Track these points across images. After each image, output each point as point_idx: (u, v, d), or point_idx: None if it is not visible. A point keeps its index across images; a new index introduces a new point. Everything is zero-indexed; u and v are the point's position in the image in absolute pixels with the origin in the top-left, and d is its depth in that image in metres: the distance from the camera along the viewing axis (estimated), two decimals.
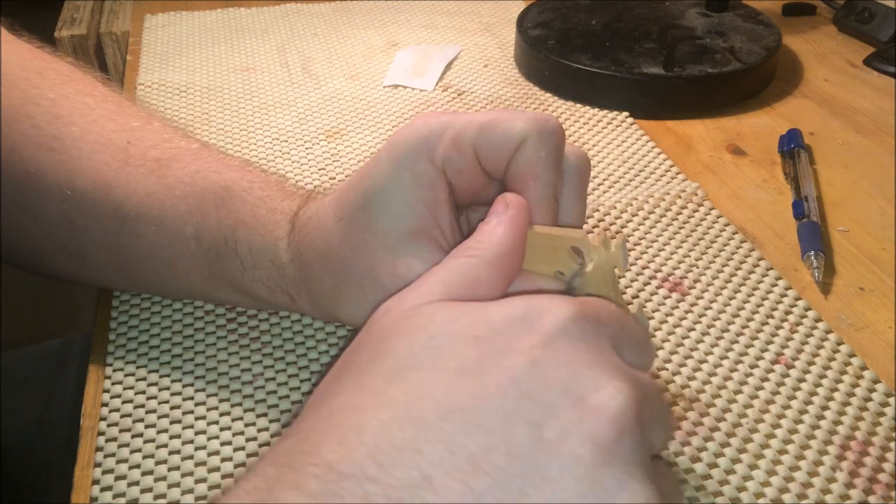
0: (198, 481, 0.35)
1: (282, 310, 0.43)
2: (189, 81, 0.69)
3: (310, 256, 0.37)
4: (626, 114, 0.64)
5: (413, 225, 0.33)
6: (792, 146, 0.58)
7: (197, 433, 0.37)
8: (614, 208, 0.52)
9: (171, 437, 0.37)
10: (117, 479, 0.35)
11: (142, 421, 0.38)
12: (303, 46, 0.75)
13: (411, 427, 0.23)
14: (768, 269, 0.47)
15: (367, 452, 0.23)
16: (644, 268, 0.47)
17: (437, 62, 0.71)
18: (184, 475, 0.35)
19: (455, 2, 0.86)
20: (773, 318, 0.43)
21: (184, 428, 0.37)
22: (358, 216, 0.34)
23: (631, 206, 0.53)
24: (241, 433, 0.37)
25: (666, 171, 0.56)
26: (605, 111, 0.64)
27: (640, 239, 0.50)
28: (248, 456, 0.36)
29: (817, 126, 0.63)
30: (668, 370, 0.40)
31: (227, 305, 0.44)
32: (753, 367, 0.40)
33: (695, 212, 0.52)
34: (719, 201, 0.54)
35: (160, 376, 0.40)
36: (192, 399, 0.39)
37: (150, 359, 0.41)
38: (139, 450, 0.36)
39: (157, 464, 0.36)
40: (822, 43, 0.77)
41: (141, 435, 0.37)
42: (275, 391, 0.39)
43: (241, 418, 0.38)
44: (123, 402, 0.38)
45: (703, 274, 0.47)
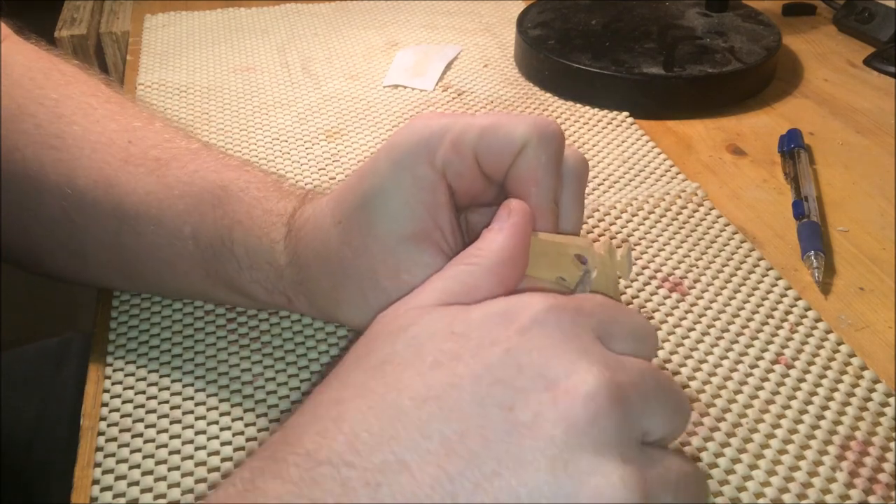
0: (198, 481, 0.35)
1: (280, 310, 0.43)
2: (189, 81, 0.69)
3: (307, 258, 0.37)
4: (626, 114, 0.64)
5: (413, 228, 0.33)
6: (792, 146, 0.58)
7: (197, 433, 0.37)
8: (614, 208, 0.52)
9: (171, 437, 0.37)
10: (117, 479, 0.35)
11: (142, 421, 0.38)
12: (303, 46, 0.75)
13: (388, 415, 0.24)
14: (768, 269, 0.47)
15: (346, 440, 0.24)
16: (644, 268, 0.47)
17: (437, 62, 0.71)
18: (184, 475, 0.35)
19: (455, 2, 0.86)
20: (773, 318, 0.43)
21: (184, 428, 0.37)
22: (357, 217, 0.34)
23: (631, 206, 0.53)
24: (241, 433, 0.37)
25: (666, 171, 0.56)
26: (605, 111, 0.64)
27: (640, 239, 0.50)
28: (248, 456, 0.36)
29: (817, 126, 0.63)
30: (668, 370, 0.40)
31: (227, 305, 0.44)
32: (753, 367, 0.40)
33: (695, 212, 0.52)
34: (719, 201, 0.54)
35: (160, 376, 0.40)
36: (192, 399, 0.39)
37: (150, 359, 0.41)
38: (139, 450, 0.36)
39: (157, 464, 0.36)
40: (822, 43, 0.77)
41: (141, 435, 0.37)
42: (275, 391, 0.39)
43: (241, 418, 0.38)
44: (123, 402, 0.39)
45: (703, 274, 0.47)
